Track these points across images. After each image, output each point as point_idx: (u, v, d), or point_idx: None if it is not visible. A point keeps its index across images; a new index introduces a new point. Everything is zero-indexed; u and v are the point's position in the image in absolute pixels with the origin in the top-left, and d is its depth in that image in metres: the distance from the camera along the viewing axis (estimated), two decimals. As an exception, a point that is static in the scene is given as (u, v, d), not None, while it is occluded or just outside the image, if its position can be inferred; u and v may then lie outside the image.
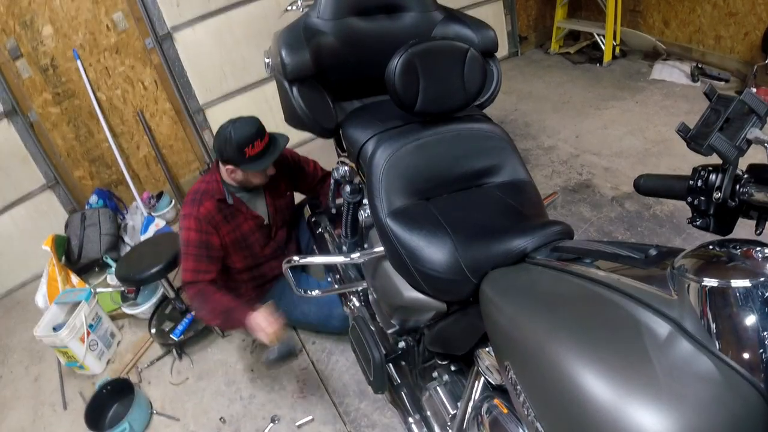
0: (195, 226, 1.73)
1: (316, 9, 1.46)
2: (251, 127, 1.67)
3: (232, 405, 1.88)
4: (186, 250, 1.74)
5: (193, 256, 1.74)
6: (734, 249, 0.60)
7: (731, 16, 3.14)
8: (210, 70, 3.03)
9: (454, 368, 1.31)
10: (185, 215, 1.75)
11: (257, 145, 1.66)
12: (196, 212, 1.73)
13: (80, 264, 2.63)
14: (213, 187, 1.78)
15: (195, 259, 1.74)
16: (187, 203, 1.77)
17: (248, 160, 1.66)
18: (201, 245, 1.74)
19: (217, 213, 1.76)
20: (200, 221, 1.72)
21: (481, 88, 1.23)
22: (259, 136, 1.66)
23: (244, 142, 1.64)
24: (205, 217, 1.73)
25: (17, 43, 2.53)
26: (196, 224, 1.72)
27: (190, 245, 1.73)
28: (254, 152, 1.65)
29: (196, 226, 1.73)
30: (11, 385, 2.20)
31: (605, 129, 3.03)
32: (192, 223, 1.73)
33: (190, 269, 1.75)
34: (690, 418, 0.52)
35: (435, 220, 1.09)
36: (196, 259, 1.74)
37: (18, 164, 2.66)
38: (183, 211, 1.77)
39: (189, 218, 1.73)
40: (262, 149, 1.67)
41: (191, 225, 1.73)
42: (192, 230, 1.73)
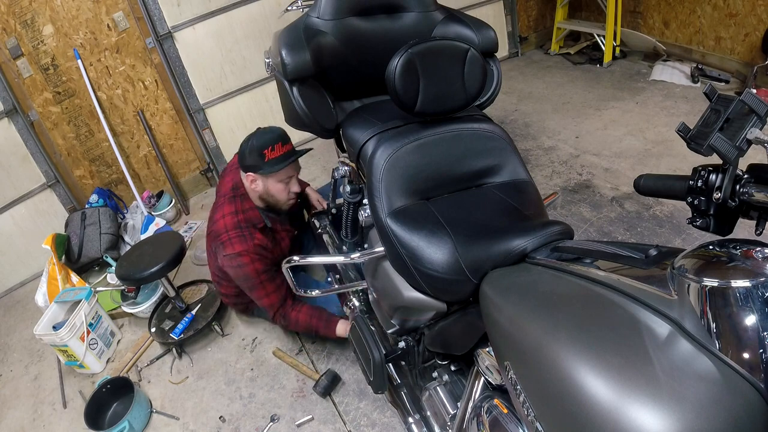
0: (257, 258, 1.71)
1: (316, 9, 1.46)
2: (273, 133, 1.67)
3: (232, 404, 1.88)
4: (259, 280, 1.74)
5: (268, 279, 1.76)
6: (734, 249, 0.60)
7: (731, 17, 3.14)
8: (210, 69, 3.03)
9: (454, 368, 1.31)
10: (241, 253, 1.69)
11: (277, 148, 1.65)
12: (251, 246, 1.70)
13: (80, 263, 2.63)
14: (251, 216, 1.76)
15: (270, 281, 1.76)
16: (235, 240, 1.70)
17: (267, 163, 1.65)
18: (269, 268, 1.75)
19: (267, 241, 1.77)
20: (258, 252, 1.72)
21: (481, 88, 1.23)
22: (281, 140, 1.66)
23: (264, 145, 1.64)
24: (260, 246, 1.73)
25: (18, 42, 2.53)
26: (257, 255, 1.71)
27: (261, 273, 1.73)
28: (274, 155, 1.64)
29: (258, 257, 1.72)
30: (11, 383, 2.20)
31: (605, 129, 3.03)
32: (253, 256, 1.71)
33: (273, 290, 1.77)
34: (690, 418, 0.52)
35: (435, 220, 1.09)
36: (271, 280, 1.77)
37: (18, 163, 2.66)
38: (232, 250, 1.70)
39: (248, 254, 1.70)
40: (282, 154, 1.65)
41: (254, 258, 1.71)
42: (257, 261, 1.71)
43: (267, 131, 1.69)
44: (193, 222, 2.98)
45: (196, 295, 2.31)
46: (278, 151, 1.65)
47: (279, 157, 1.65)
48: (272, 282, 1.78)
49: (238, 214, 1.74)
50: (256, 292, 1.78)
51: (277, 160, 1.65)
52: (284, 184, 1.73)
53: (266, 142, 1.64)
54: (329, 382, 1.81)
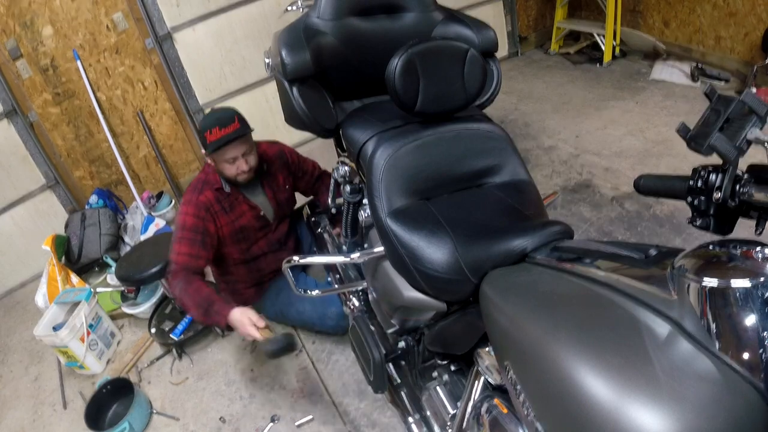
0: (193, 212, 1.77)
1: (316, 9, 1.46)
2: (215, 115, 1.73)
3: (232, 405, 1.88)
4: (181, 234, 1.77)
5: (188, 240, 1.77)
6: (734, 249, 0.60)
7: (731, 16, 3.14)
8: (210, 70, 3.03)
9: (454, 368, 1.31)
10: (185, 201, 1.80)
11: (215, 132, 1.68)
12: (195, 199, 1.78)
13: (80, 264, 2.63)
14: (211, 177, 1.83)
15: (189, 243, 1.77)
16: (188, 191, 1.83)
17: (208, 145, 1.70)
18: (197, 230, 1.77)
19: (215, 203, 1.81)
20: (198, 207, 1.77)
21: (481, 88, 1.23)
22: (218, 125, 1.68)
23: (204, 128, 1.70)
24: (204, 204, 1.78)
25: (17, 43, 2.53)
26: (195, 210, 1.77)
27: (185, 229, 1.77)
28: (212, 138, 1.68)
29: (194, 212, 1.77)
30: (11, 384, 2.20)
31: (605, 129, 3.03)
32: (190, 208, 1.78)
33: (184, 252, 1.76)
34: (690, 418, 0.52)
35: (435, 219, 1.09)
36: (190, 243, 1.77)
37: (18, 164, 2.66)
38: (183, 198, 1.83)
39: (188, 204, 1.78)
40: (220, 137, 1.69)
41: (189, 210, 1.78)
42: (189, 215, 1.77)
43: (212, 113, 1.76)
44: (193, 222, 2.98)
45: (196, 295, 2.31)
46: (216, 134, 1.68)
47: (216, 141, 1.69)
48: (192, 245, 1.75)
49: (201, 173, 1.88)
50: (174, 244, 1.77)
51: (215, 143, 1.69)
52: (229, 163, 1.75)
53: (206, 126, 1.70)
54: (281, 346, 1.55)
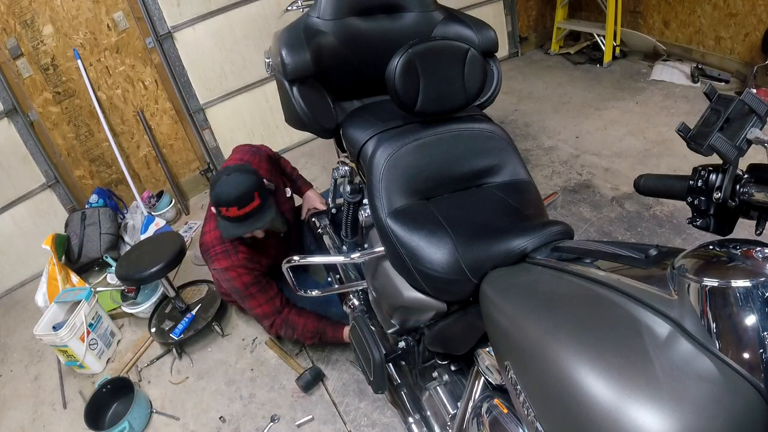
0: (243, 271, 1.72)
1: (316, 9, 1.46)
2: (233, 189, 1.55)
3: (232, 404, 1.88)
4: (248, 293, 1.75)
5: (258, 291, 1.76)
6: (734, 249, 0.60)
7: (731, 17, 3.14)
8: (210, 69, 3.03)
9: (454, 368, 1.31)
10: (226, 269, 1.71)
11: (232, 211, 1.56)
12: (236, 261, 1.72)
13: (80, 263, 2.63)
14: None
15: (261, 291, 1.77)
16: (219, 256, 1.71)
17: (223, 219, 1.61)
18: (258, 281, 1.76)
19: (253, 251, 1.77)
20: (243, 265, 1.73)
21: (481, 88, 1.23)
22: (237, 204, 1.55)
23: (220, 202, 1.57)
24: (245, 260, 1.73)
25: (18, 42, 2.53)
26: (243, 269, 1.72)
27: (249, 286, 1.74)
28: (228, 215, 1.58)
29: (244, 271, 1.73)
30: (11, 384, 2.20)
31: (605, 129, 3.03)
32: (238, 270, 1.72)
33: (265, 301, 1.78)
34: (690, 418, 0.52)
35: (435, 220, 1.09)
36: (262, 290, 1.77)
37: (18, 163, 2.66)
38: (219, 265, 1.72)
39: (233, 269, 1.71)
40: (236, 216, 1.57)
41: (240, 272, 1.72)
42: (243, 275, 1.72)
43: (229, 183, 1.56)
44: (193, 222, 2.98)
45: (196, 295, 2.31)
46: (233, 213, 1.56)
47: (233, 219, 1.59)
48: (263, 293, 1.78)
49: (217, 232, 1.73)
50: (247, 303, 1.79)
51: (231, 222, 1.60)
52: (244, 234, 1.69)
53: (222, 200, 1.55)
54: (312, 378, 1.83)
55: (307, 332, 1.83)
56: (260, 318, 1.85)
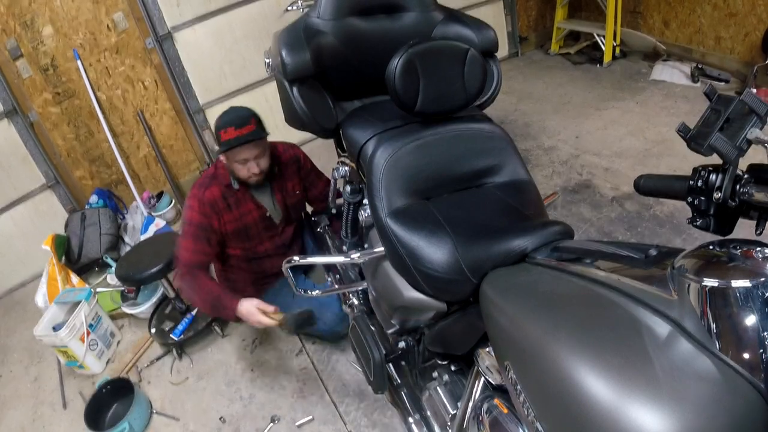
0: (198, 207, 1.78)
1: (316, 9, 1.46)
2: (232, 114, 1.71)
3: (232, 405, 1.88)
4: (187, 229, 1.78)
5: (192, 235, 1.78)
6: (734, 249, 0.60)
7: (731, 16, 3.14)
8: (210, 69, 3.03)
9: (454, 368, 1.31)
10: (191, 195, 1.81)
11: (230, 131, 1.67)
12: (201, 195, 1.78)
13: (80, 264, 2.63)
14: (221, 173, 1.83)
15: (194, 238, 1.78)
16: (195, 185, 1.83)
17: (222, 144, 1.69)
18: (201, 227, 1.78)
19: (221, 200, 1.81)
20: (203, 204, 1.78)
21: (481, 88, 1.23)
22: (234, 125, 1.67)
23: (220, 126, 1.69)
24: (209, 201, 1.78)
25: (17, 43, 2.53)
26: (199, 206, 1.78)
27: (191, 224, 1.78)
28: (226, 137, 1.68)
29: (199, 208, 1.78)
30: (11, 384, 2.20)
31: (605, 129, 3.03)
32: (195, 203, 1.78)
33: (189, 249, 1.78)
34: (690, 418, 0.52)
35: (435, 220, 1.09)
36: (195, 238, 1.78)
37: (18, 164, 2.66)
38: (190, 192, 1.83)
39: (193, 199, 1.79)
40: (235, 137, 1.68)
41: (194, 205, 1.78)
42: (195, 211, 1.78)
43: (230, 111, 1.73)
44: (193, 222, 2.98)
45: (196, 295, 2.31)
46: (230, 134, 1.67)
47: (230, 140, 1.68)
48: (195, 241, 1.77)
49: (213, 168, 1.86)
50: (179, 238, 1.80)
51: (228, 142, 1.68)
52: (241, 164, 1.75)
53: (222, 124, 1.69)
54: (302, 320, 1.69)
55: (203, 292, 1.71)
56: (177, 260, 1.80)
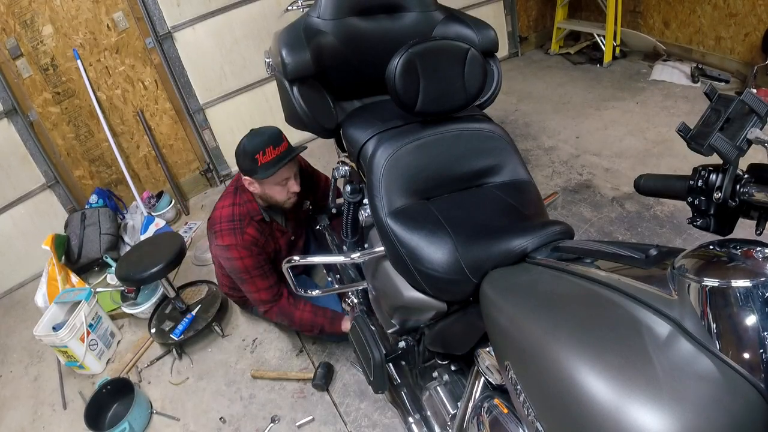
0: (247, 253, 1.71)
1: (316, 9, 1.46)
2: (263, 136, 1.63)
3: (232, 405, 1.88)
4: (248, 276, 1.74)
5: (258, 276, 1.75)
6: (734, 249, 0.60)
7: (731, 17, 3.14)
8: (210, 69, 3.03)
9: (455, 368, 1.31)
10: (229, 246, 1.70)
11: (269, 152, 1.60)
12: (241, 241, 1.70)
13: (80, 263, 2.63)
14: (249, 209, 1.75)
15: (262, 277, 1.75)
16: (225, 233, 1.71)
17: (261, 168, 1.62)
18: (260, 265, 1.74)
19: (260, 237, 1.76)
20: (248, 247, 1.71)
21: (481, 88, 1.23)
22: (272, 144, 1.61)
23: (256, 149, 1.61)
24: (252, 242, 1.72)
25: (17, 42, 2.53)
26: (246, 251, 1.71)
27: (250, 269, 1.73)
28: (266, 160, 1.60)
29: (248, 253, 1.71)
30: (11, 384, 2.20)
31: (605, 129, 3.03)
32: (242, 252, 1.70)
33: (264, 287, 1.76)
34: (690, 418, 0.52)
35: (435, 219, 1.09)
36: (262, 277, 1.75)
37: (18, 164, 2.66)
38: (222, 242, 1.71)
39: (236, 248, 1.70)
40: (274, 157, 1.61)
41: (243, 254, 1.70)
42: (245, 258, 1.71)
43: (258, 134, 1.65)
44: (192, 222, 2.98)
45: (196, 295, 2.31)
46: (270, 154, 1.61)
47: (272, 161, 1.61)
48: (264, 279, 1.76)
49: (234, 207, 1.75)
50: (245, 286, 1.79)
51: (270, 164, 1.61)
52: (281, 186, 1.70)
53: (257, 146, 1.60)
54: (325, 372, 1.83)
55: (304, 324, 1.83)
56: (257, 303, 1.83)
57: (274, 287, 1.80)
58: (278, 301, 1.81)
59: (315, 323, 1.82)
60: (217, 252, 1.78)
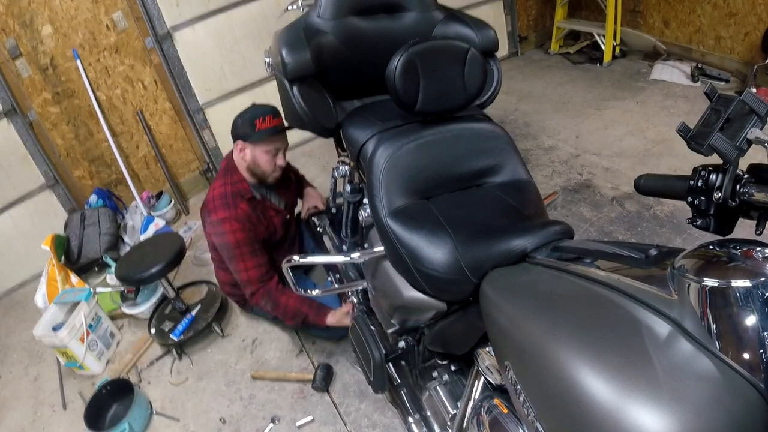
0: (239, 227, 1.72)
1: (316, 8, 1.46)
2: (266, 107, 1.73)
3: (232, 405, 1.88)
4: (239, 252, 1.73)
5: (249, 253, 1.74)
6: (734, 249, 0.60)
7: (731, 16, 3.14)
8: (210, 69, 3.03)
9: (454, 368, 1.31)
10: (222, 220, 1.71)
11: (268, 120, 1.69)
12: (234, 214, 1.72)
13: (80, 264, 2.63)
14: (239, 188, 1.78)
15: (250, 255, 1.75)
16: (218, 208, 1.73)
17: (258, 132, 1.69)
18: (251, 241, 1.75)
19: (252, 213, 1.78)
20: (241, 221, 1.72)
21: (481, 88, 1.23)
22: (272, 114, 1.70)
23: (256, 115, 1.69)
24: (244, 217, 1.74)
25: (17, 42, 2.53)
26: (239, 225, 1.72)
27: (241, 245, 1.73)
28: (264, 126, 1.68)
29: (240, 226, 1.72)
30: (10, 385, 2.20)
31: (605, 129, 3.03)
32: (234, 224, 1.71)
33: (254, 266, 1.75)
34: (690, 418, 0.52)
35: (435, 219, 1.09)
36: (252, 255, 1.75)
37: (17, 164, 2.65)
38: (216, 216, 1.73)
39: (229, 221, 1.71)
40: (272, 126, 1.70)
41: (235, 227, 1.71)
42: (237, 231, 1.72)
43: (260, 105, 1.75)
44: (192, 222, 2.98)
45: (196, 296, 2.31)
46: (269, 123, 1.69)
47: (269, 129, 1.69)
48: (253, 257, 1.76)
49: (226, 186, 1.79)
50: (234, 263, 1.77)
51: (267, 131, 1.69)
52: (271, 155, 1.75)
53: (258, 113, 1.69)
54: (325, 374, 1.83)
55: (288, 311, 1.79)
56: (245, 283, 1.81)
57: (264, 267, 1.78)
58: (267, 283, 1.78)
59: (299, 312, 1.79)
60: (210, 230, 1.77)
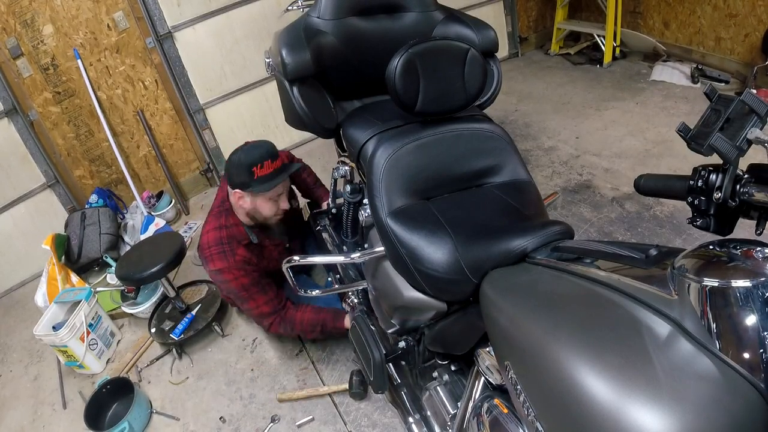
0: (240, 273, 1.69)
1: (316, 9, 1.46)
2: (261, 149, 1.61)
3: (232, 404, 1.88)
4: (246, 294, 1.72)
5: (257, 292, 1.73)
6: (734, 249, 0.60)
7: (731, 17, 3.14)
8: (210, 69, 3.03)
9: (454, 368, 1.31)
10: (221, 270, 1.68)
11: (267, 165, 1.59)
12: (233, 262, 1.68)
13: (80, 263, 2.63)
14: (235, 232, 1.73)
15: (261, 292, 1.73)
16: (216, 258, 1.69)
17: (257, 181, 1.60)
18: (256, 282, 1.73)
19: (251, 257, 1.74)
20: (240, 266, 1.69)
21: (481, 88, 1.23)
22: (270, 158, 1.60)
23: (253, 162, 1.58)
24: (243, 261, 1.70)
25: (18, 42, 2.53)
26: (241, 271, 1.69)
27: (247, 288, 1.71)
28: (263, 173, 1.58)
29: (242, 273, 1.69)
30: (11, 384, 2.20)
31: (605, 130, 3.03)
32: (236, 272, 1.69)
33: (264, 302, 1.74)
34: (690, 418, 0.52)
35: (435, 219, 1.09)
36: (260, 292, 1.74)
37: (18, 163, 2.65)
38: (214, 266, 1.69)
39: (229, 271, 1.68)
40: (272, 171, 1.60)
41: (237, 275, 1.69)
42: (240, 278, 1.69)
43: (256, 146, 1.63)
44: (192, 222, 2.98)
45: (196, 295, 2.31)
46: (267, 168, 1.58)
47: (269, 175, 1.59)
48: (263, 294, 1.74)
49: (221, 230, 1.72)
50: (246, 304, 1.77)
51: (267, 177, 1.59)
52: (273, 201, 1.69)
53: (255, 159, 1.57)
54: (361, 378, 1.75)
55: (306, 326, 1.80)
56: (259, 318, 1.82)
57: (275, 300, 1.78)
58: (280, 312, 1.79)
59: (316, 322, 1.79)
60: (212, 277, 1.77)
